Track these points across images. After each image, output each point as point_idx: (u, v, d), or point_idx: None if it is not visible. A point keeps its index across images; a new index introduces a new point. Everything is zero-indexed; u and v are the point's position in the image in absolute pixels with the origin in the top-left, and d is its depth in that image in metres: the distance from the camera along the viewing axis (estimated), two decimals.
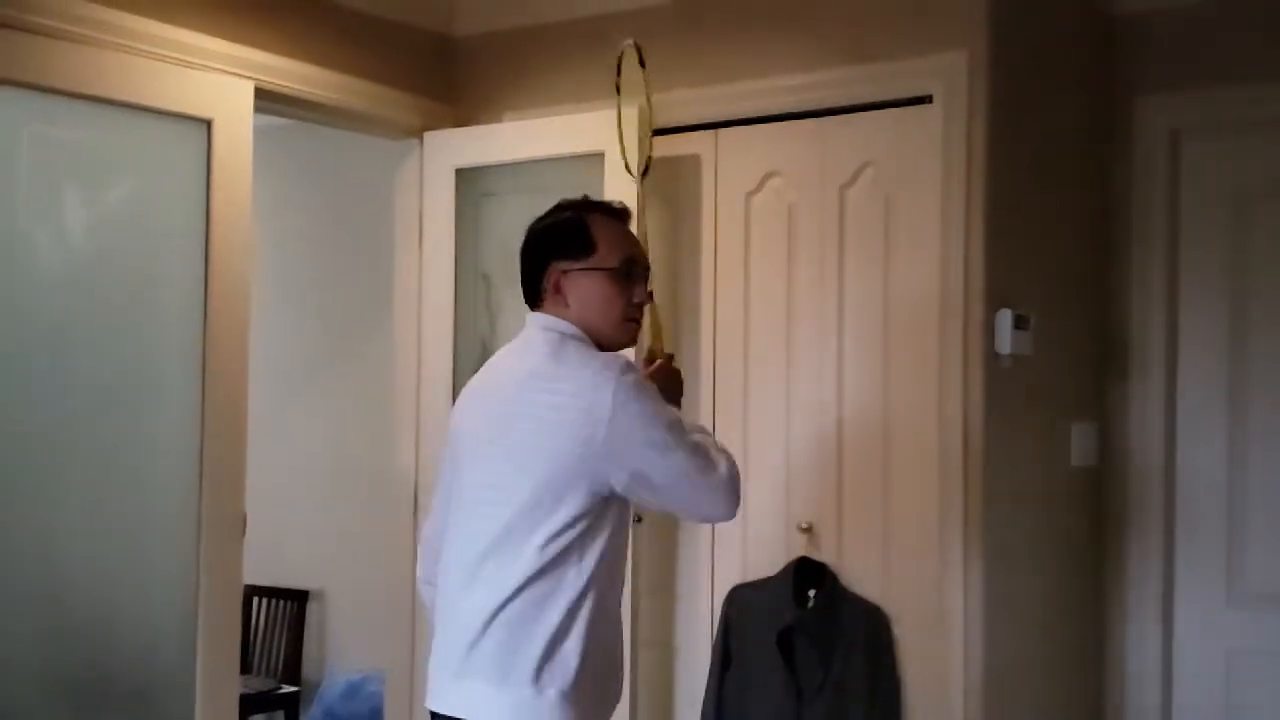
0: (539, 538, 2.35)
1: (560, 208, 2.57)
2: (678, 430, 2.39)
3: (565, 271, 2.48)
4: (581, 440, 2.32)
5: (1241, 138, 3.95)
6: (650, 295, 2.60)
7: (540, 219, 2.58)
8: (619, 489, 2.38)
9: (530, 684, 2.32)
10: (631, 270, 2.51)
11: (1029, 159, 3.68)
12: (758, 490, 3.83)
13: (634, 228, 2.64)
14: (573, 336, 2.46)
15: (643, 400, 2.37)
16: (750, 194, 3.86)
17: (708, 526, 3.88)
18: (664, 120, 3.89)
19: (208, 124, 3.60)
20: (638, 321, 2.55)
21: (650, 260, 2.68)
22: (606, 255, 2.49)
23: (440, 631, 2.50)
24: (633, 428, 2.33)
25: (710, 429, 3.89)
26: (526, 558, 2.35)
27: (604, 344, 2.49)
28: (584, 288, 2.48)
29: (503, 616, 2.35)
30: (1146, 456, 4.01)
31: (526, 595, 2.34)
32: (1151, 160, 4.02)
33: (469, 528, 2.45)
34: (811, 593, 3.60)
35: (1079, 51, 4.00)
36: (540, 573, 2.35)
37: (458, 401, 2.63)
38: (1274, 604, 3.87)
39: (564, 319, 2.48)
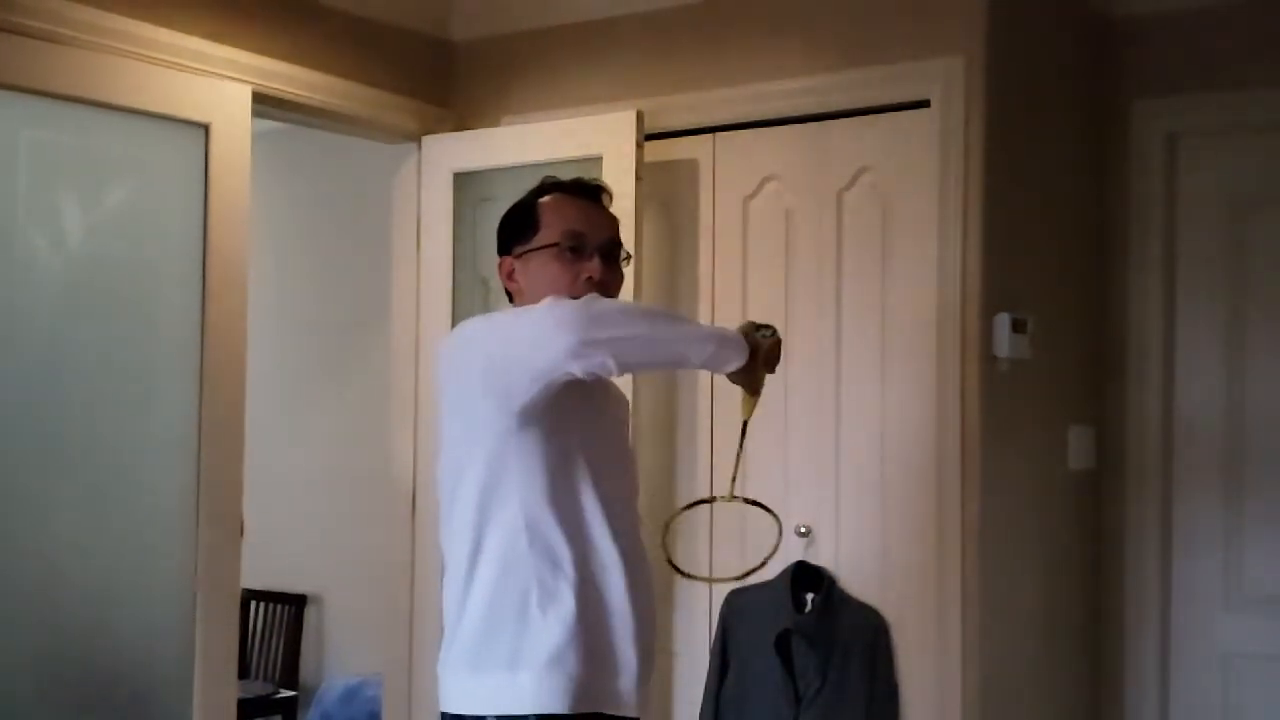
0: (470, 512, 2.27)
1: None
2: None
3: (517, 257, 2.40)
4: (464, 378, 2.28)
5: (1238, 142, 3.95)
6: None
7: None
8: (521, 404, 2.20)
9: (505, 668, 2.23)
10: (580, 244, 2.36)
11: (1026, 162, 3.68)
12: (756, 494, 3.82)
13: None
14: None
15: (500, 312, 2.31)
16: (748, 198, 3.86)
17: (705, 529, 3.88)
18: (662, 125, 3.90)
19: (205, 128, 3.60)
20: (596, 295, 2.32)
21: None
22: (549, 232, 2.36)
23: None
24: (480, 325, 2.31)
25: (709, 431, 3.90)
26: (467, 535, 2.28)
27: None
28: (530, 270, 2.38)
29: (471, 601, 2.27)
30: (1144, 459, 4.02)
31: (484, 574, 2.26)
32: (1148, 164, 4.03)
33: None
34: (809, 596, 3.60)
35: (1076, 55, 4.00)
36: (483, 549, 2.26)
37: None
38: (1272, 607, 3.87)
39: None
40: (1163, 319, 4.01)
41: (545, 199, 2.42)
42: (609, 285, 2.39)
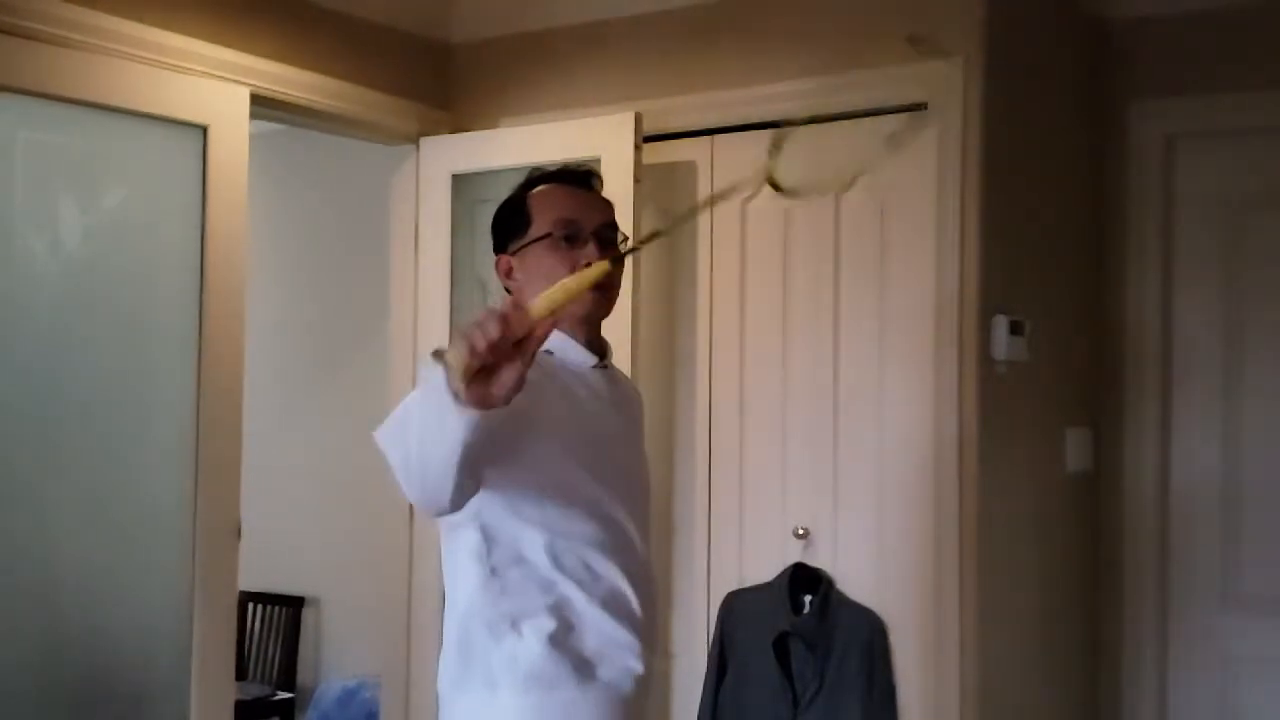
0: (444, 532, 2.21)
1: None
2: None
3: (513, 254, 2.28)
4: None
5: (1235, 144, 3.96)
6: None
7: None
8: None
9: (484, 687, 2.15)
10: (574, 231, 2.24)
11: (1024, 165, 3.68)
12: (754, 496, 3.83)
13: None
14: None
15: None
16: (746, 200, 3.86)
17: (703, 531, 3.88)
18: (660, 127, 3.90)
19: (203, 130, 3.60)
20: (598, 289, 2.13)
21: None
22: (540, 223, 2.25)
23: None
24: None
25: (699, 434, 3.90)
26: (447, 555, 2.22)
27: (564, 322, 2.19)
28: (527, 266, 2.26)
29: (452, 616, 2.21)
30: (1141, 461, 4.02)
31: (460, 595, 2.18)
32: (1146, 166, 4.03)
33: None
34: (807, 598, 3.60)
35: (1074, 57, 4.00)
36: (455, 570, 2.19)
37: None
38: (1269, 608, 3.87)
39: None
40: (1160, 321, 4.02)
41: (534, 191, 2.32)
42: (610, 272, 2.18)
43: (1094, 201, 4.08)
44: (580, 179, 2.36)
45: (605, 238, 2.28)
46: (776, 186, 1.90)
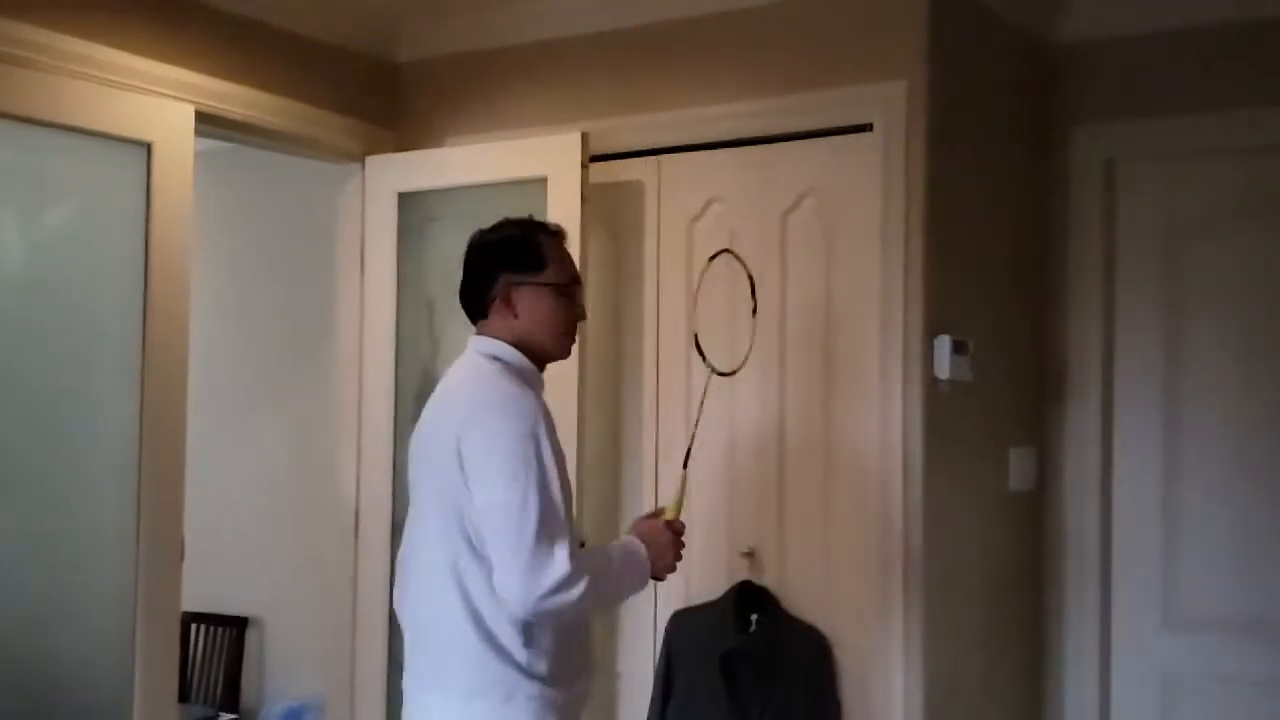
0: (433, 538, 2.60)
1: (508, 224, 2.73)
2: (526, 483, 2.44)
3: (516, 285, 2.64)
4: (456, 460, 2.50)
5: (1176, 167, 4.01)
6: (685, 463, 2.88)
7: (488, 232, 2.72)
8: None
9: (501, 699, 2.51)
10: (575, 290, 2.72)
11: (968, 186, 3.72)
12: (700, 515, 3.84)
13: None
14: (505, 364, 2.61)
15: (511, 436, 2.47)
16: (693, 220, 3.88)
17: None
18: (607, 146, 3.91)
19: (148, 147, 3.57)
20: (573, 337, 2.72)
21: (590, 287, 2.86)
22: (555, 273, 2.67)
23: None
24: (477, 448, 2.48)
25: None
26: (429, 564, 2.60)
27: (543, 356, 2.68)
28: (533, 301, 2.64)
29: (461, 620, 2.53)
30: (1084, 480, 4.06)
31: (468, 588, 2.53)
32: (1088, 188, 4.08)
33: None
34: (753, 617, 3.61)
35: (1018, 81, 4.05)
36: (456, 567, 2.53)
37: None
38: (1209, 627, 3.92)
39: (507, 333, 2.64)
40: (1102, 339, 4.06)
41: (541, 238, 2.68)
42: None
43: (1037, 223, 4.13)
44: (564, 237, 2.76)
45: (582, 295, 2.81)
46: None
